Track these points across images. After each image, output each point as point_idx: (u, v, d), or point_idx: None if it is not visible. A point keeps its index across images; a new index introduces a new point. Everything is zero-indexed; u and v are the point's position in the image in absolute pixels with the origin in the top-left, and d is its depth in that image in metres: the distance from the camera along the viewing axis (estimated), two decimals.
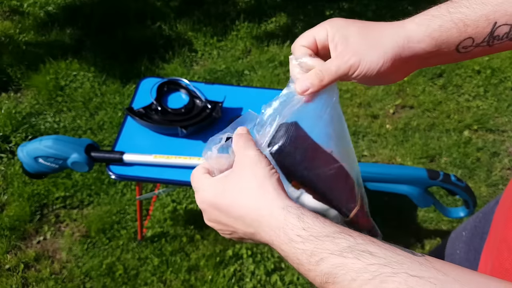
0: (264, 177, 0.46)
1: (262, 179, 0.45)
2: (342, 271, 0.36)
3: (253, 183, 0.45)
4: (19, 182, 1.88)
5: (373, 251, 0.36)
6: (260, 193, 0.45)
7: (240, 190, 0.46)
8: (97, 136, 2.07)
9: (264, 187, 0.45)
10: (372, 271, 0.35)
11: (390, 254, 0.36)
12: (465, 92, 2.38)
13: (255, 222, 0.44)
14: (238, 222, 0.46)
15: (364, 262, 0.36)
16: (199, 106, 1.40)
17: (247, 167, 0.47)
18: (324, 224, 0.40)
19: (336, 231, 0.39)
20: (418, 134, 2.16)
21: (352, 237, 0.38)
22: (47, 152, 1.21)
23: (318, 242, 0.39)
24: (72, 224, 1.79)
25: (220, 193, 0.47)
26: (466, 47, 0.50)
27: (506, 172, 2.05)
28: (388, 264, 0.35)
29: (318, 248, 0.38)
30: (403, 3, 2.91)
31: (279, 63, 2.48)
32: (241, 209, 0.45)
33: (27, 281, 1.63)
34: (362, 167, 1.33)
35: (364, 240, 0.38)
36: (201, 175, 0.50)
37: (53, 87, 2.28)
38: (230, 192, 0.46)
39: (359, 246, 0.37)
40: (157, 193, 1.56)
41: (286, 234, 0.41)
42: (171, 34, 2.64)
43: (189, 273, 1.66)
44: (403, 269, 0.34)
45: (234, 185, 0.46)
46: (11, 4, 2.76)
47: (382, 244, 0.38)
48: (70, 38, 2.58)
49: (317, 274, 0.38)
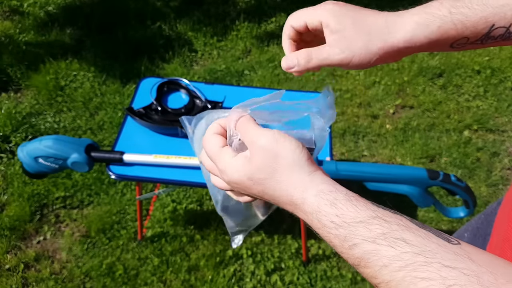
0: (293, 163, 0.44)
1: (292, 166, 0.44)
2: (374, 257, 0.37)
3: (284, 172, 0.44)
4: (19, 182, 1.88)
5: (407, 238, 0.36)
6: (293, 181, 0.44)
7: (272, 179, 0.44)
8: (97, 136, 2.07)
9: (295, 173, 0.44)
10: (405, 259, 0.35)
11: (425, 242, 0.36)
12: (465, 92, 2.38)
13: (290, 207, 0.45)
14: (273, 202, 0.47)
15: (398, 250, 0.36)
16: (199, 106, 1.40)
17: (271, 154, 0.44)
18: (358, 209, 0.40)
19: (371, 216, 0.39)
20: (418, 134, 2.16)
21: (387, 223, 0.38)
22: (47, 152, 1.21)
23: (351, 228, 0.39)
24: (72, 224, 1.79)
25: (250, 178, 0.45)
26: (460, 44, 0.50)
27: (506, 172, 2.05)
28: (422, 253, 0.35)
29: (352, 234, 0.38)
30: (403, 3, 2.90)
31: (279, 63, 2.47)
32: (274, 196, 0.45)
33: (27, 281, 1.63)
34: (362, 167, 1.33)
35: (399, 226, 0.37)
36: (223, 153, 0.48)
37: (53, 87, 2.28)
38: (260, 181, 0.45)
39: (394, 233, 0.37)
40: (157, 193, 1.56)
41: (320, 221, 0.41)
42: (171, 34, 2.64)
43: (189, 273, 1.66)
44: (436, 259, 0.34)
45: (262, 173, 0.45)
46: (11, 4, 2.76)
47: (417, 230, 0.37)
48: (70, 38, 2.58)
49: (350, 257, 0.39)
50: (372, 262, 0.37)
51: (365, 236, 0.38)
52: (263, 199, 0.48)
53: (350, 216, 0.39)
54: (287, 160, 0.44)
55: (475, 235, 0.79)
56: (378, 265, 0.36)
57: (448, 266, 0.33)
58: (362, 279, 1.68)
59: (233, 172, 0.46)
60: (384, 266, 0.36)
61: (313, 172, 0.44)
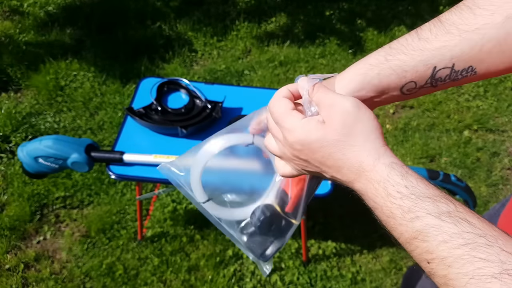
0: (371, 131, 0.45)
1: (368, 133, 0.45)
2: (435, 232, 0.37)
3: (360, 137, 0.44)
4: (19, 182, 1.88)
5: (471, 221, 0.36)
6: (367, 148, 0.44)
7: (345, 142, 0.44)
8: (97, 136, 2.07)
9: (371, 141, 0.44)
10: (467, 238, 0.35)
11: (487, 227, 0.36)
12: (465, 92, 2.38)
13: (352, 174, 0.45)
14: (331, 169, 0.46)
15: (460, 229, 0.36)
16: (199, 106, 1.40)
17: (352, 117, 0.45)
18: (428, 186, 0.40)
19: (439, 195, 0.39)
20: (418, 134, 2.16)
21: (453, 204, 0.38)
22: (47, 152, 1.21)
23: (418, 201, 0.39)
24: (72, 224, 1.79)
25: (320, 140, 0.45)
26: (410, 89, 0.49)
27: (506, 172, 2.05)
28: (484, 236, 0.35)
29: (417, 206, 0.39)
30: (403, 3, 2.90)
31: (279, 63, 2.48)
32: (340, 161, 0.45)
33: (27, 281, 1.63)
34: None
35: (465, 209, 0.38)
36: (291, 112, 0.48)
37: (53, 87, 2.28)
38: (332, 142, 0.45)
39: (459, 214, 0.37)
40: (157, 193, 1.56)
41: (385, 189, 0.41)
42: (171, 34, 2.64)
43: (189, 273, 1.66)
44: (497, 244, 0.34)
45: (337, 135, 0.45)
46: (11, 4, 2.76)
47: (481, 217, 0.37)
48: (70, 38, 2.58)
49: (408, 229, 0.39)
50: (431, 236, 0.37)
51: (430, 210, 0.38)
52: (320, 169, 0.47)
53: (419, 190, 0.40)
54: (366, 127, 0.45)
55: None
56: (437, 240, 0.36)
57: (508, 252, 0.34)
58: (362, 279, 1.68)
59: (303, 132, 0.46)
60: (443, 241, 0.36)
61: (387, 146, 0.45)
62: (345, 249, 1.75)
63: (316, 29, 2.70)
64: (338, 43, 2.61)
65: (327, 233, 1.78)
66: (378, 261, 1.72)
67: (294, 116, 0.47)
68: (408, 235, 0.39)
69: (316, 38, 2.63)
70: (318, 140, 0.45)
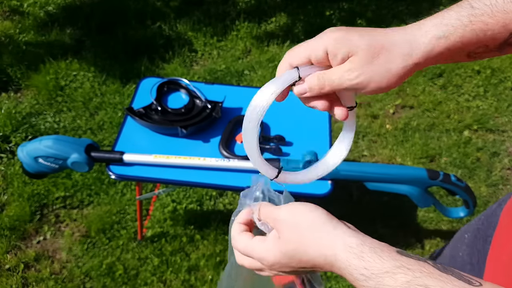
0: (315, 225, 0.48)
1: (315, 228, 0.48)
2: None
3: (310, 236, 0.47)
4: (19, 182, 1.88)
5: (429, 284, 0.39)
6: (323, 242, 0.47)
7: (302, 246, 0.48)
8: (97, 136, 2.07)
9: (321, 234, 0.47)
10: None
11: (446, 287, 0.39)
12: (465, 92, 2.38)
13: (328, 266, 0.47)
14: (308, 268, 0.49)
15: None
16: (199, 106, 1.40)
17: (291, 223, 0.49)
18: (383, 260, 0.43)
19: (395, 266, 0.42)
20: (418, 134, 2.16)
21: (410, 271, 0.41)
22: (47, 152, 1.21)
23: (379, 279, 0.42)
24: (72, 224, 1.79)
25: (285, 254, 0.49)
26: (477, 53, 0.48)
27: (506, 172, 2.05)
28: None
29: (379, 284, 0.42)
30: (403, 3, 2.91)
31: (279, 63, 2.48)
32: (311, 260, 0.48)
33: (27, 281, 1.63)
34: (362, 167, 1.33)
35: (422, 273, 0.40)
36: (253, 244, 0.51)
37: (53, 87, 2.28)
38: (293, 252, 0.48)
39: (417, 280, 0.39)
40: (157, 193, 1.56)
41: (351, 275, 0.44)
42: (171, 34, 2.64)
43: (189, 273, 1.66)
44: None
45: (292, 244, 0.48)
46: (11, 4, 2.76)
47: (440, 275, 0.40)
48: (70, 38, 2.58)
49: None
50: None
51: (390, 285, 0.41)
52: (305, 271, 0.51)
53: (376, 267, 0.42)
54: (307, 223, 0.48)
55: (475, 237, 0.79)
56: None
57: None
58: None
59: (268, 255, 0.50)
60: None
61: (337, 226, 0.47)
62: None
63: (316, 29, 2.69)
64: None
65: None
66: None
67: (255, 244, 0.51)
68: None
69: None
70: (283, 253, 0.49)
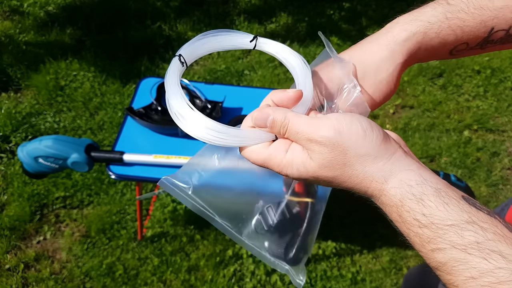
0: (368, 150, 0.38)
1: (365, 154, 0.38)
2: (462, 267, 0.33)
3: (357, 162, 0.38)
4: (19, 182, 1.88)
5: (504, 251, 0.32)
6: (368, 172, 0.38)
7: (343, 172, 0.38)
8: (97, 136, 2.07)
9: (370, 163, 0.38)
10: (499, 276, 0.31)
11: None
12: (465, 92, 2.38)
13: (366, 194, 0.39)
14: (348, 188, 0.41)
15: (492, 264, 0.32)
16: (199, 106, 1.40)
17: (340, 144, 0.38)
18: (449, 208, 0.34)
19: (464, 220, 0.33)
20: (418, 134, 2.16)
21: (482, 230, 0.33)
22: (47, 152, 1.21)
23: (439, 231, 0.34)
24: (72, 224, 1.79)
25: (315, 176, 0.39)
26: (459, 51, 0.48)
27: (506, 172, 2.05)
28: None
29: (438, 237, 0.34)
30: (402, 3, 2.90)
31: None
32: (348, 186, 0.39)
33: (27, 281, 1.63)
34: None
35: (496, 236, 0.32)
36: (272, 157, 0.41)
37: (53, 87, 2.28)
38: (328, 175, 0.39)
39: (489, 243, 0.32)
40: (157, 193, 1.56)
41: (400, 216, 0.36)
42: (171, 34, 2.64)
43: (189, 273, 1.66)
44: None
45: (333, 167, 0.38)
46: (11, 4, 2.76)
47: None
48: (70, 38, 2.58)
49: (428, 258, 0.35)
50: (458, 271, 0.33)
51: (454, 242, 0.33)
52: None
53: (439, 216, 0.34)
54: (357, 151, 0.37)
55: None
56: (464, 276, 0.32)
57: None
58: (362, 279, 1.68)
59: (293, 171, 0.40)
60: (471, 278, 0.32)
61: (392, 156, 0.38)
62: (345, 249, 1.75)
63: (317, 28, 2.70)
64: (339, 43, 2.61)
65: (327, 233, 1.78)
66: (378, 261, 1.72)
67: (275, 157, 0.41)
68: (431, 263, 0.35)
69: (316, 38, 2.63)
70: (313, 176, 0.40)
